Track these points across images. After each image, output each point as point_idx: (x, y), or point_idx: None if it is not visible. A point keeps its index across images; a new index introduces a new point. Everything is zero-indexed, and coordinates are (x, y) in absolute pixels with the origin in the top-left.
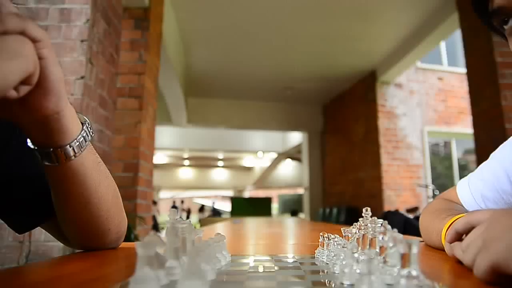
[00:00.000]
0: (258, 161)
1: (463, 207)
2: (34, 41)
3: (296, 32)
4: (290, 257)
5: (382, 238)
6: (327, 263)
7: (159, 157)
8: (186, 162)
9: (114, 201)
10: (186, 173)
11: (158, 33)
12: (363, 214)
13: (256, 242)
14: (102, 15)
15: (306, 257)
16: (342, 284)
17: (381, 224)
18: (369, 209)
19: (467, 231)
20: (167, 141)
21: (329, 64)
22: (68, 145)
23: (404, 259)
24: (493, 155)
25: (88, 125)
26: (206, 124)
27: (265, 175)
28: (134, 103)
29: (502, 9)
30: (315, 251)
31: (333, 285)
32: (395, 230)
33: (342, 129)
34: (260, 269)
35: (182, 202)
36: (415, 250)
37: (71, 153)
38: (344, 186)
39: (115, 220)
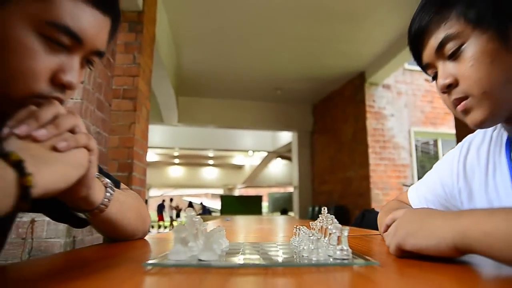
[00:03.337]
0: (248, 160)
1: (411, 207)
2: (89, 150)
3: (286, 34)
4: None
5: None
6: (296, 246)
7: (150, 155)
8: (176, 161)
9: (138, 219)
10: (176, 171)
11: (151, 35)
12: (322, 212)
13: (246, 235)
14: None
15: (284, 243)
16: (303, 256)
17: (331, 219)
18: (326, 208)
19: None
20: (158, 140)
21: (319, 65)
22: (95, 208)
23: (339, 239)
24: (435, 165)
25: (110, 187)
26: (196, 123)
27: (255, 174)
28: (129, 104)
29: (429, 65)
30: (291, 239)
31: (296, 258)
32: (336, 221)
33: (331, 129)
34: (248, 249)
35: (171, 200)
36: (345, 233)
37: (97, 212)
38: (333, 185)
39: (140, 229)
